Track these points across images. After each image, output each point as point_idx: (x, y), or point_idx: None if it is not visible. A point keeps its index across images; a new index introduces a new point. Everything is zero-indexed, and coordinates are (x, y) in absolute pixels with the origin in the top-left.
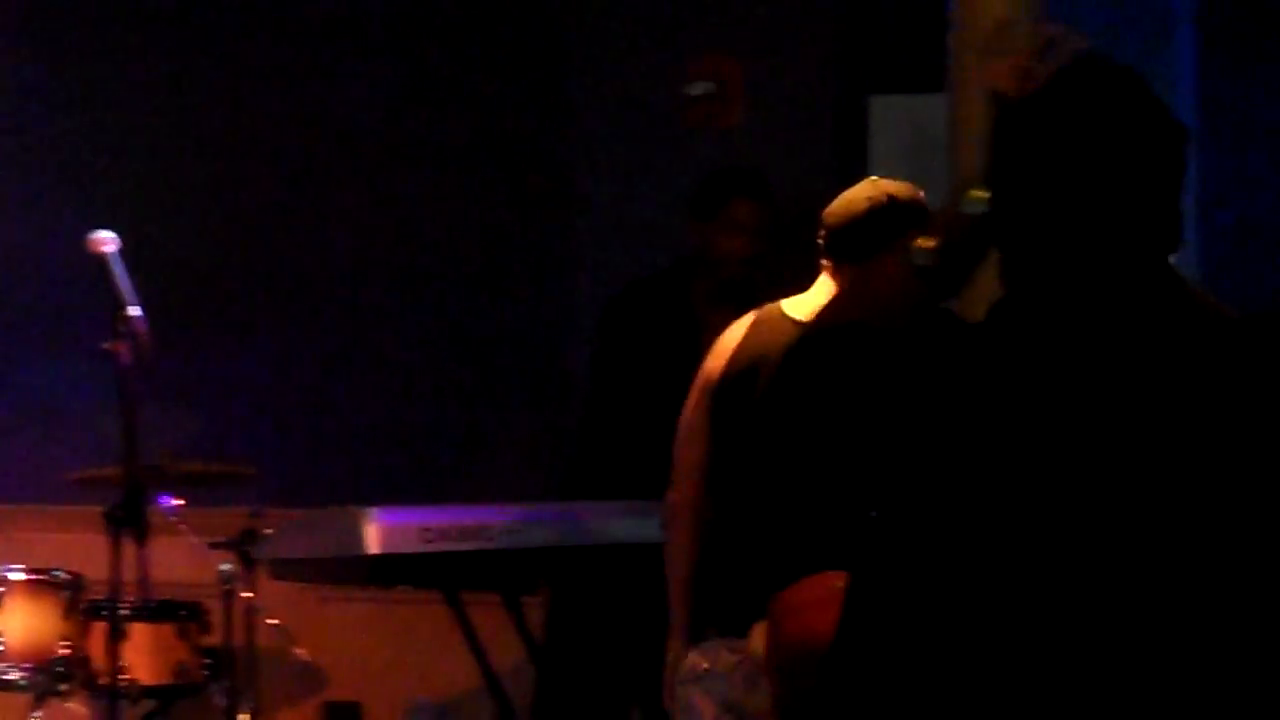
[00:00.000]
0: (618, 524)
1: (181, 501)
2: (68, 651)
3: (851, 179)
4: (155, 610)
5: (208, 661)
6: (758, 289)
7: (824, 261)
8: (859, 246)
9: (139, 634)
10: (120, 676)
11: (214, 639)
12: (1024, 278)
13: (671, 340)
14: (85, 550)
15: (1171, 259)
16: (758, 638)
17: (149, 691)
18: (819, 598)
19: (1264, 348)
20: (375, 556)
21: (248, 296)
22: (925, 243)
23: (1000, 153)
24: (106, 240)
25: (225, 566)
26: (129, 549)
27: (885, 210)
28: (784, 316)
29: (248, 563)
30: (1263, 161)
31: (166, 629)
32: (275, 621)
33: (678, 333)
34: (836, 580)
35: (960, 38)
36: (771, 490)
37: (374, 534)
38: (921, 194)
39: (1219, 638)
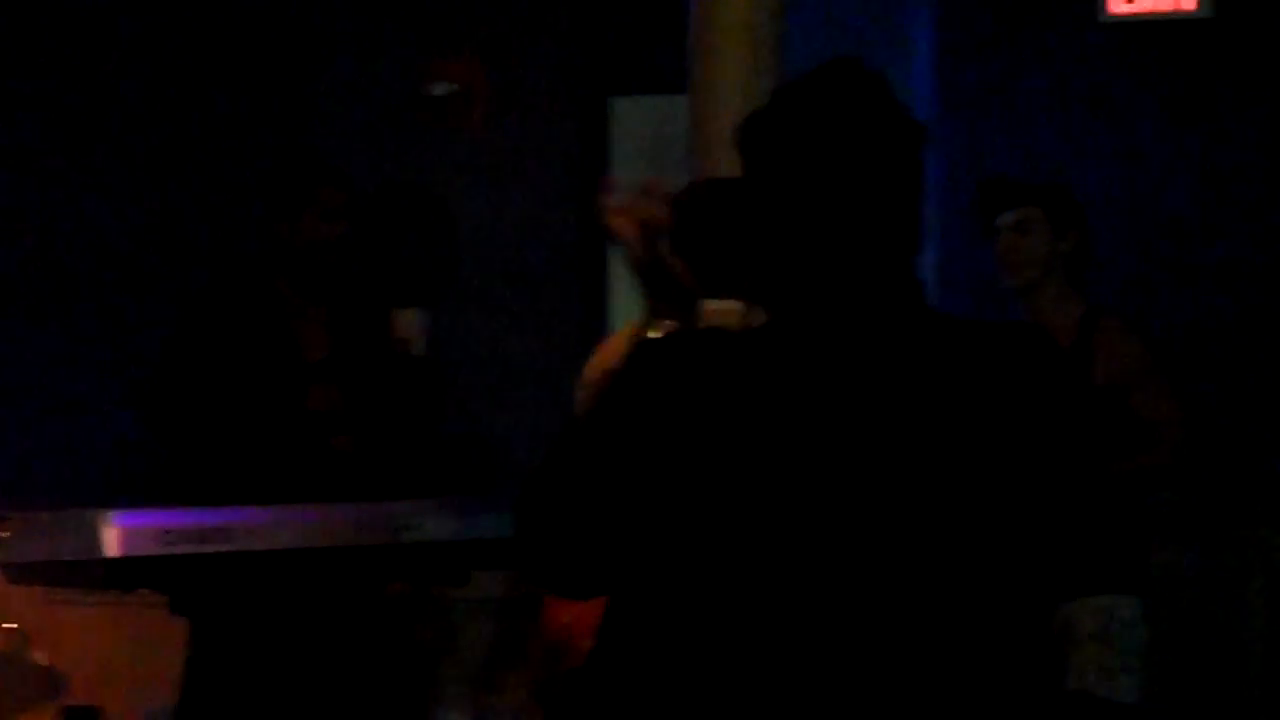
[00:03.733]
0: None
1: None
2: None
3: (593, 179)
4: None
5: None
6: (347, 275)
7: None
8: None
9: None
10: None
11: None
12: (771, 281)
13: (264, 333)
14: None
15: (914, 261)
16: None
17: None
18: None
19: (994, 354)
20: (114, 560)
21: None
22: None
23: (745, 156)
24: None
25: None
26: None
27: None
28: None
29: None
30: (999, 164)
31: None
32: (13, 626)
33: (269, 326)
34: None
35: (700, 39)
36: None
37: (113, 537)
38: None
39: (944, 625)
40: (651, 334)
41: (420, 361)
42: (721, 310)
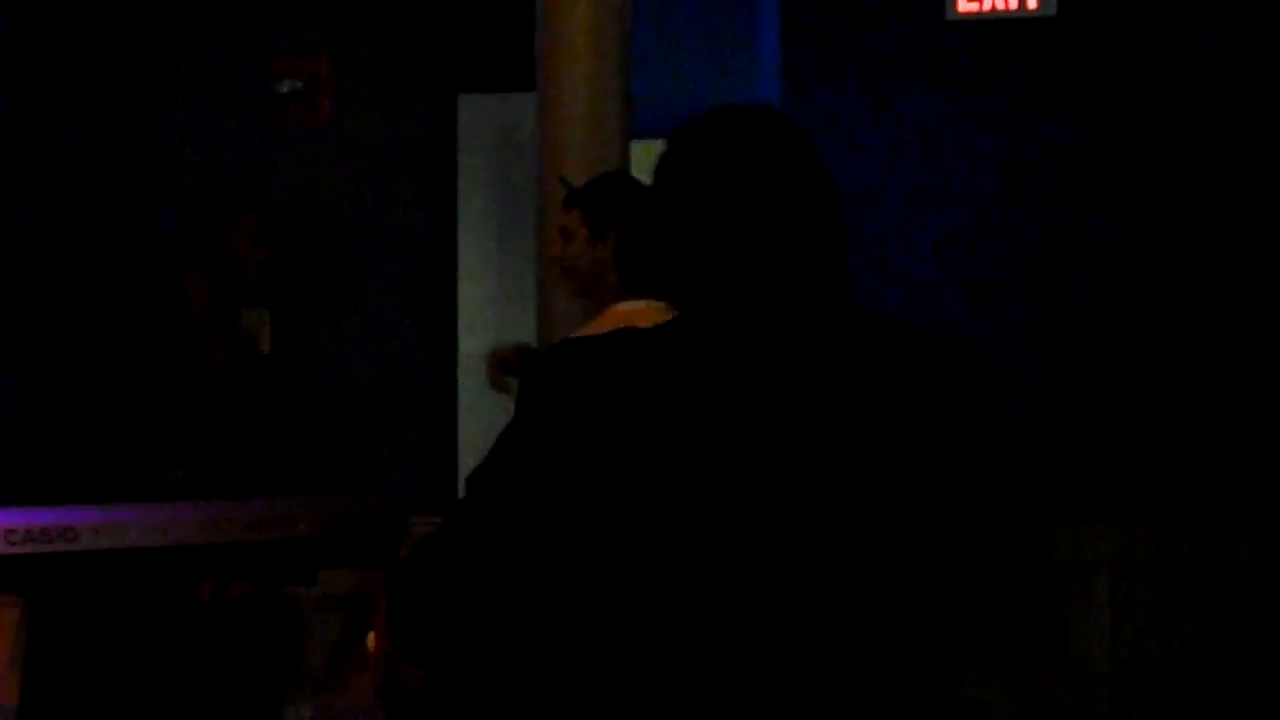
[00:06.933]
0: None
1: None
2: None
3: (441, 177)
4: None
5: None
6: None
7: None
8: None
9: None
10: None
11: None
12: (691, 281)
13: (165, 341)
14: None
15: (837, 263)
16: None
17: None
18: None
19: (911, 361)
20: None
21: None
22: None
23: (669, 169)
24: None
25: None
26: None
27: None
28: None
29: None
30: (842, 162)
31: None
32: None
33: (171, 334)
34: None
35: (548, 38)
36: None
37: None
38: None
39: (856, 635)
40: None
41: (266, 361)
42: (632, 312)
